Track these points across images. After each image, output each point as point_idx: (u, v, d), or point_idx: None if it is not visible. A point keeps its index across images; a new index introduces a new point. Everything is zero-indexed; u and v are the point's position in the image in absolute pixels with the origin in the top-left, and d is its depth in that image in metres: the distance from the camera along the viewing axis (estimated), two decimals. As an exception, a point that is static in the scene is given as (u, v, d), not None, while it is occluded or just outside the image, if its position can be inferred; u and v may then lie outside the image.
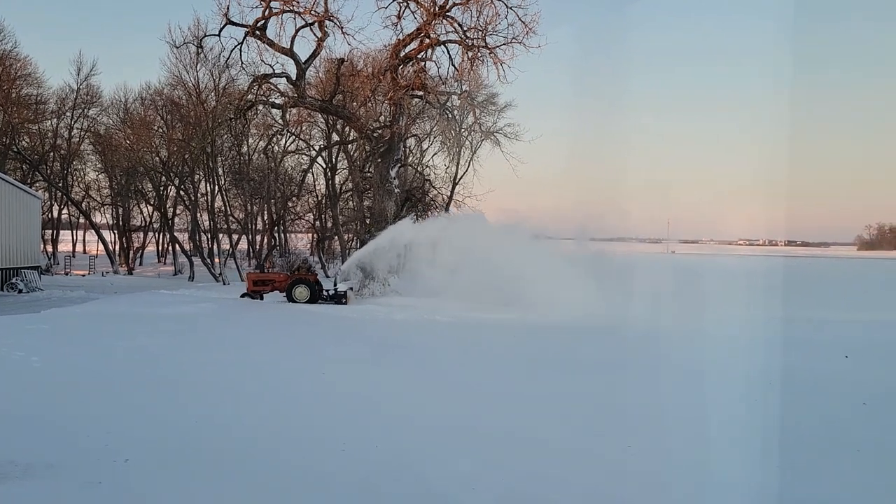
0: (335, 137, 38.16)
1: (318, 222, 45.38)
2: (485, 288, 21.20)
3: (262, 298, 23.17)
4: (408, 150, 36.88)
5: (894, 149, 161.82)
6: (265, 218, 43.85)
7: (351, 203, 41.16)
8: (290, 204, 41.85)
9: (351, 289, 23.45)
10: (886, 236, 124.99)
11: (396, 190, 26.40)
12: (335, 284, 23.22)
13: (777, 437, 7.27)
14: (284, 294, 22.88)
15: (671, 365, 11.88)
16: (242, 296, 23.20)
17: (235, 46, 24.57)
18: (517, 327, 17.11)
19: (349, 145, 36.88)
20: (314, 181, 44.74)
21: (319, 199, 44.76)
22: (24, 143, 42.82)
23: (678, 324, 17.61)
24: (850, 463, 6.69)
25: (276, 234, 42.97)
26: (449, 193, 43.84)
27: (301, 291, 22.53)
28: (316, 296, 22.62)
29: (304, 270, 23.83)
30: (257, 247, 44.39)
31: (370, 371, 10.91)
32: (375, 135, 27.31)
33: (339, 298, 22.50)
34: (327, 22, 24.20)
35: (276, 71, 25.53)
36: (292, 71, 25.37)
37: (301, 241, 49.76)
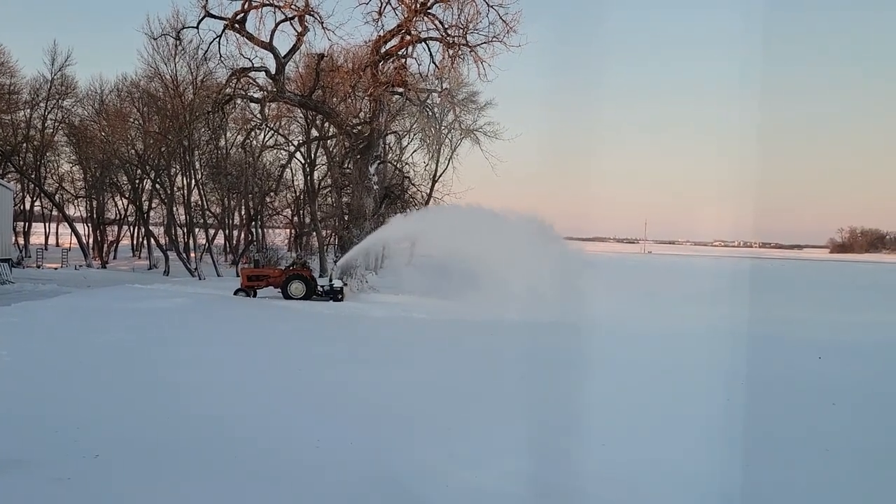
0: (314, 133, 37.93)
1: (296, 218, 45.13)
2: (463, 286, 21.25)
3: (255, 294, 22.99)
4: (387, 146, 36.84)
5: (866, 153, 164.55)
6: (242, 213, 43.51)
7: (329, 199, 40.98)
8: (268, 199, 41.55)
9: (345, 285, 23.36)
10: (858, 239, 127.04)
11: (375, 187, 26.36)
12: (330, 280, 23.14)
13: (745, 435, 7.37)
14: (279, 290, 22.68)
15: (644, 363, 12.01)
16: (237, 292, 22.93)
17: (214, 39, 24.37)
18: (495, 325, 17.19)
19: (328, 141, 36.69)
20: (293, 177, 44.51)
21: (298, 194, 44.50)
22: (-5, 133, 42.15)
23: (652, 322, 17.83)
24: (818, 461, 6.81)
25: (254, 230, 42.67)
26: (428, 191, 43.87)
27: (297, 287, 22.34)
28: (312, 292, 22.45)
29: (300, 266, 23.73)
30: (234, 242, 44.07)
31: (347, 368, 10.90)
32: (355, 131, 27.24)
33: (334, 294, 22.35)
34: (307, 17, 24.08)
35: (255, 65, 25.34)
36: (271, 65, 25.23)
37: (279, 237, 49.43)
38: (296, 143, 39.73)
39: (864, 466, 6.79)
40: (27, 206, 48.53)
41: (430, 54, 24.85)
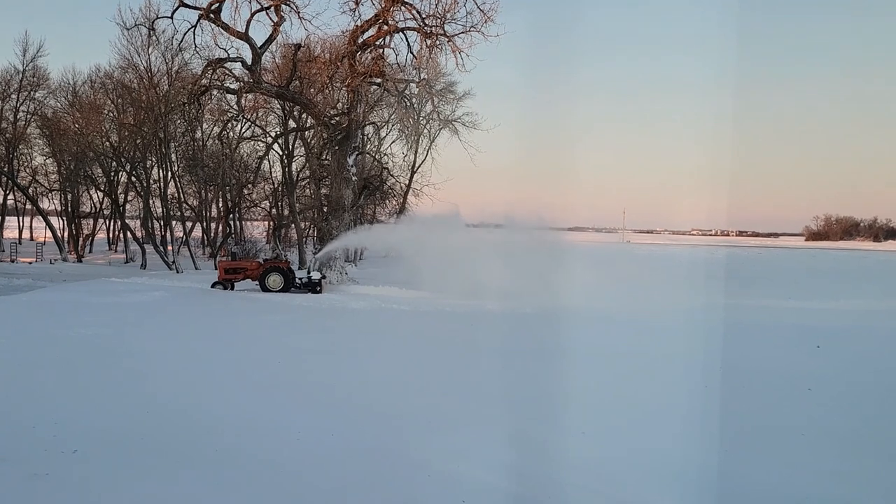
0: (292, 124, 37.76)
1: (274, 210, 44.89)
2: (443, 277, 21.34)
3: (232, 287, 22.87)
4: (365, 137, 36.68)
5: (840, 141, 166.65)
6: (220, 205, 43.17)
7: (308, 190, 40.80)
8: (245, 191, 41.28)
9: (324, 277, 23.27)
10: (833, 227, 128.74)
11: (354, 178, 26.24)
12: (309, 272, 23.00)
13: (722, 423, 7.48)
14: (257, 282, 22.57)
15: (623, 351, 12.12)
16: (214, 285, 22.79)
17: (189, 29, 24.07)
18: (474, 315, 17.27)
19: (306, 132, 36.55)
20: (270, 168, 44.30)
21: (276, 186, 44.28)
22: (-34, 125, 41.43)
23: (630, 311, 17.97)
24: (795, 447, 6.93)
25: (232, 222, 42.40)
26: (407, 182, 43.83)
27: (275, 279, 22.24)
28: (289, 284, 22.37)
29: (277, 258, 23.56)
30: (212, 234, 43.73)
31: (327, 360, 10.91)
32: (333, 122, 27.07)
33: (313, 287, 22.27)
34: (284, 6, 23.85)
35: (230, 55, 25.08)
36: (248, 56, 24.96)
37: (257, 229, 49.14)
38: (273, 134, 39.53)
39: (842, 452, 6.91)
40: (0, 200, 47.79)
41: (408, 44, 24.76)
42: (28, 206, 52.30)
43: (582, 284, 21.87)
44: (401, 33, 24.61)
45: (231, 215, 41.90)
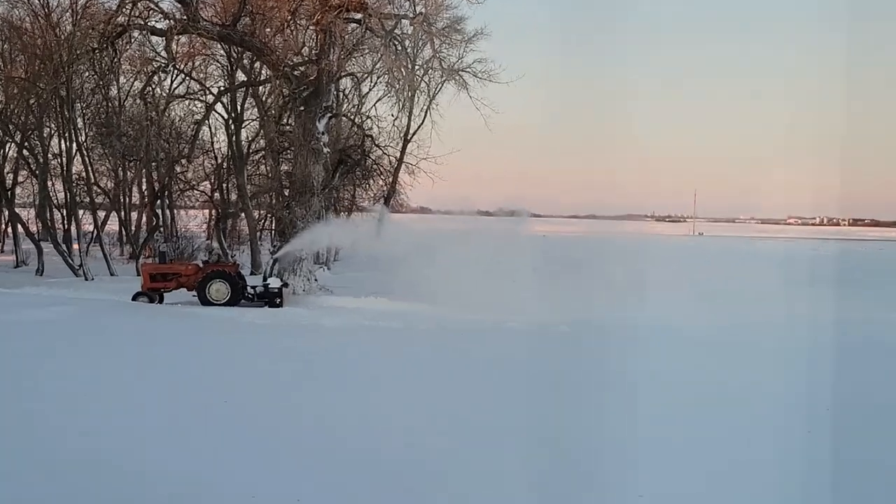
0: (241, 77, 37.73)
1: (217, 194, 44.89)
2: (447, 284, 21.41)
3: (161, 300, 23.03)
4: (341, 94, 36.72)
5: None
6: (144, 188, 43.19)
7: (263, 167, 40.77)
8: (178, 169, 41.28)
9: (286, 285, 23.27)
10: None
11: (326, 149, 26.22)
12: (265, 279, 22.98)
13: (833, 482, 7.44)
14: (195, 292, 22.65)
15: (695, 381, 12.09)
16: (136, 297, 22.84)
17: (100, -51, 24.08)
18: (493, 334, 17.43)
19: (260, 88, 36.49)
20: (212, 137, 44.24)
21: (219, 161, 44.25)
22: None
23: (703, 327, 18.03)
24: None
25: (160, 211, 42.41)
26: (398, 154, 43.79)
27: (219, 288, 22.25)
28: (239, 294, 22.49)
29: (221, 260, 23.59)
30: (133, 228, 43.74)
31: (292, 396, 10.97)
32: (296, 73, 27.03)
33: (271, 298, 22.40)
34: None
35: (157, -17, 25.10)
36: (180, -16, 24.97)
37: (195, 221, 49.18)
38: (215, 90, 39.47)
39: None
40: None
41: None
42: None
43: (634, 291, 21.89)
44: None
45: (159, 202, 41.89)
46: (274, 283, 22.77)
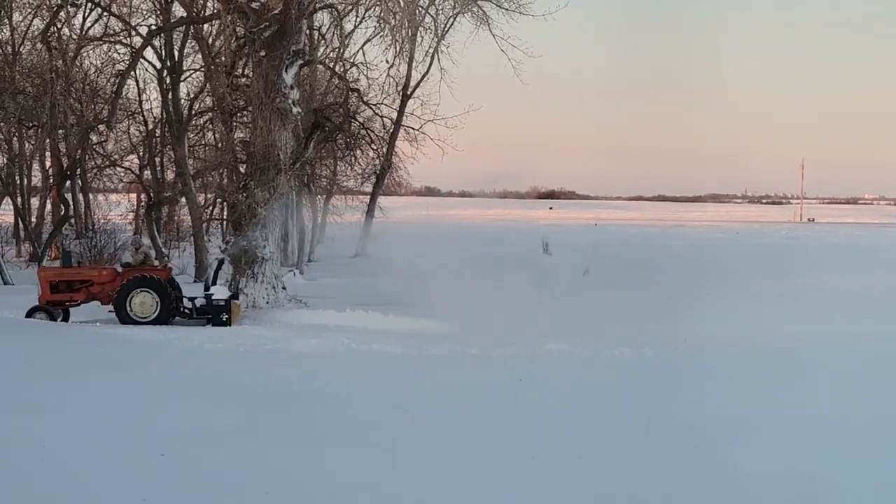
0: (179, 12, 37.43)
1: (147, 171, 44.76)
2: (450, 294, 21.47)
3: (66, 317, 23.01)
4: (317, 34, 36.32)
5: None
6: (48, 165, 43.04)
7: (210, 135, 40.59)
8: (94, 138, 41.18)
9: (235, 295, 23.03)
10: None
11: (296, 109, 26.02)
12: (207, 287, 22.74)
13: None
14: (111, 306, 22.51)
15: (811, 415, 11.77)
16: (31, 312, 22.63)
17: None
18: (530, 363, 17.30)
19: (205, 26, 36.17)
20: (140, 95, 44.17)
21: (151, 128, 44.14)
22: None
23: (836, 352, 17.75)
24: None
25: (70, 196, 42.28)
26: (395, 115, 43.56)
27: (144, 301, 22.12)
28: (170, 308, 22.38)
29: (146, 262, 23.39)
30: (34, 219, 43.57)
31: (242, 448, 10.76)
32: (255, 5, 26.75)
33: (216, 313, 22.25)
34: None
35: None
36: None
37: (118, 208, 49.06)
38: (144, 31, 39.19)
39: None
40: None
41: None
42: None
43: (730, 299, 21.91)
44: None
45: (69, 183, 41.76)
46: (220, 293, 22.45)
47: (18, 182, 42.32)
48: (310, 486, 9.47)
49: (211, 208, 43.25)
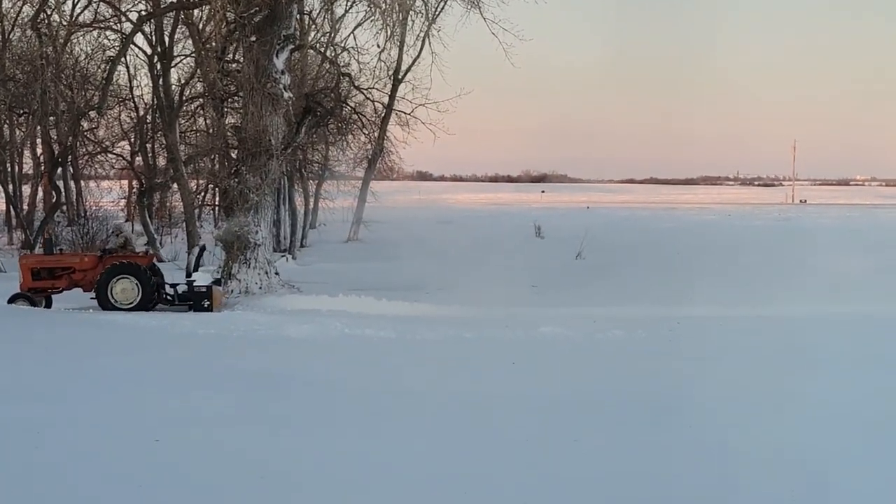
0: (168, -4, 37.35)
1: (139, 158, 44.64)
2: (443, 277, 21.48)
3: (48, 303, 23.02)
4: (307, 18, 36.21)
5: None
6: (39, 152, 42.89)
7: (202, 120, 40.47)
8: (86, 125, 41.05)
9: (219, 281, 22.99)
10: None
11: (287, 94, 25.98)
12: (190, 273, 22.70)
13: None
14: (93, 293, 22.47)
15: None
16: (13, 299, 22.63)
17: None
18: (535, 347, 17.31)
19: (195, 11, 36.06)
20: (131, 81, 44.03)
21: (142, 114, 44.00)
22: None
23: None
24: None
25: (62, 183, 42.17)
26: (387, 99, 43.46)
27: (126, 288, 22.06)
28: (152, 295, 22.37)
29: (126, 247, 23.34)
30: (25, 206, 43.48)
31: (236, 433, 10.75)
32: (245, -12, 26.71)
33: (198, 299, 22.23)
34: None
35: None
36: None
37: (109, 195, 48.93)
38: (134, 17, 39.08)
39: None
40: None
41: None
42: None
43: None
44: None
45: (60, 170, 41.65)
46: (201, 279, 22.40)
47: (9, 169, 42.15)
48: (304, 472, 9.44)
49: (203, 194, 43.10)
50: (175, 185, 40.91)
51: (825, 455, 10.03)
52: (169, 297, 22.68)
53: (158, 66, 39.01)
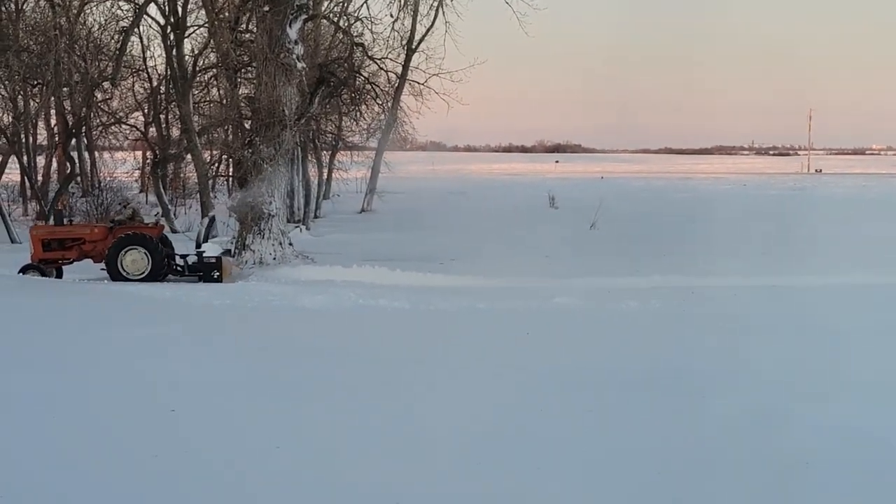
0: (181, -33, 37.23)
1: (153, 129, 44.59)
2: (459, 247, 21.49)
3: (58, 274, 23.10)
4: (321, -12, 36.14)
5: None
6: (54, 124, 42.85)
7: (215, 91, 40.39)
8: (99, 96, 41.01)
9: (229, 252, 23.00)
10: None
11: (301, 64, 25.90)
12: (199, 244, 22.69)
13: None
14: (104, 264, 22.50)
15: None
16: (24, 270, 22.74)
17: None
18: (553, 317, 17.34)
19: (208, -19, 36.00)
20: (144, 52, 43.95)
21: (155, 85, 43.92)
22: None
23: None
24: None
25: (76, 154, 42.15)
26: (400, 69, 43.31)
27: (136, 259, 22.10)
28: (161, 266, 22.37)
29: (135, 218, 23.35)
30: (40, 177, 43.50)
31: (251, 402, 10.79)
32: (258, -42, 26.62)
33: (207, 271, 22.31)
34: None
35: None
36: None
37: (123, 166, 48.91)
38: (147, -13, 39.06)
39: None
40: None
41: None
42: None
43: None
44: None
45: (74, 141, 41.63)
46: (211, 250, 22.40)
47: (24, 140, 42.16)
48: (319, 440, 9.43)
49: (216, 165, 43.04)
50: (189, 156, 40.87)
51: (833, 425, 9.93)
52: (179, 268, 22.75)
53: (172, 37, 38.87)
